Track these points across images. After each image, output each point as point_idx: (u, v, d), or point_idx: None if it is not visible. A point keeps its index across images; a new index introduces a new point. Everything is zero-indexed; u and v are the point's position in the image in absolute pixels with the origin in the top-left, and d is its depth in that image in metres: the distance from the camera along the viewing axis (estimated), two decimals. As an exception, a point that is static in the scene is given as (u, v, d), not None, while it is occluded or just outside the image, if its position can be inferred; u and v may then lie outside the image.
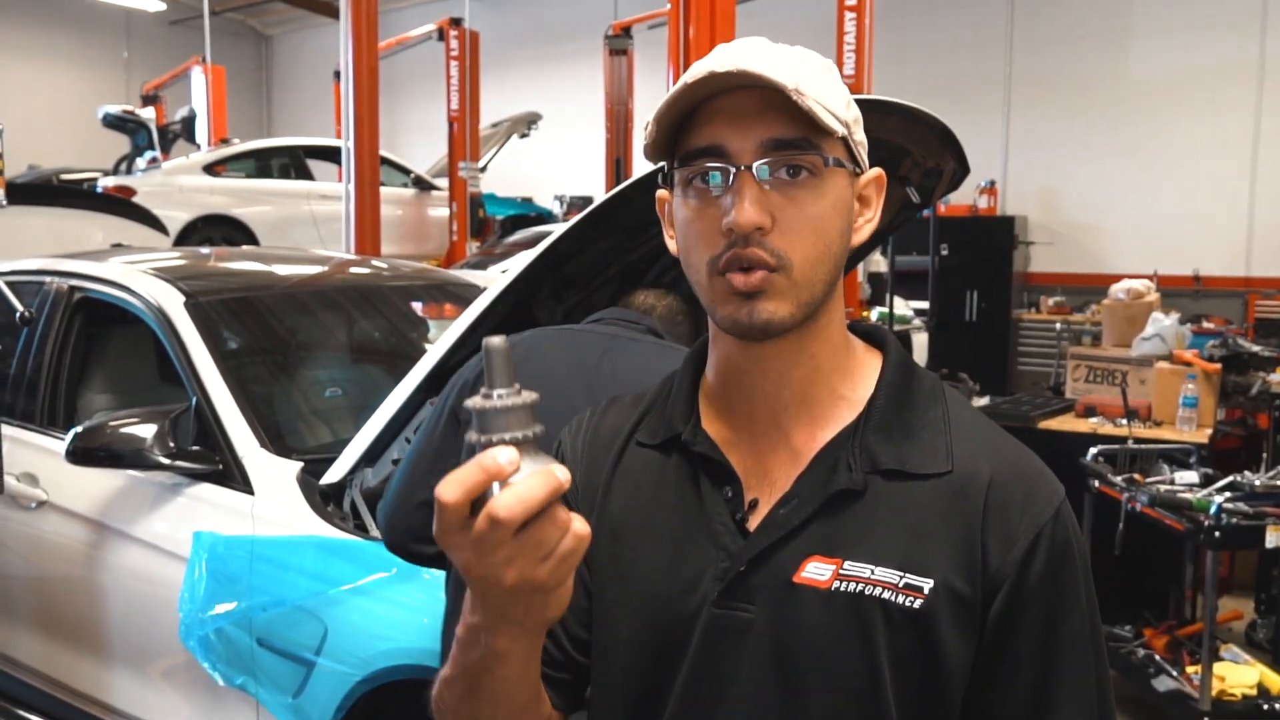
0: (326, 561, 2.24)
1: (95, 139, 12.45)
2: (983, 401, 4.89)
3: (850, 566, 0.95)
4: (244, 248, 7.58)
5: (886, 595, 0.93)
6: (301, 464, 2.46)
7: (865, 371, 1.04)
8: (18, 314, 2.50)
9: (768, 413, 1.02)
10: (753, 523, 0.99)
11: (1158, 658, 3.72)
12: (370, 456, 2.32)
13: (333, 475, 2.35)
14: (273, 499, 2.41)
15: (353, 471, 2.34)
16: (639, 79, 10.24)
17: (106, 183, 9.04)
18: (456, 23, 9.79)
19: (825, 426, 1.01)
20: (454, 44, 9.71)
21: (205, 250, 4.48)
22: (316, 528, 2.30)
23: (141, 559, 2.62)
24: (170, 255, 3.84)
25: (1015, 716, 0.95)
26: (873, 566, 0.94)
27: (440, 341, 2.26)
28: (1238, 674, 3.53)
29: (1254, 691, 3.47)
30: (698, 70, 0.94)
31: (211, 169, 9.42)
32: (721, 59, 0.94)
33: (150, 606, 2.59)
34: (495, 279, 2.34)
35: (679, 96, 0.95)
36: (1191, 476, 3.68)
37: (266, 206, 9.42)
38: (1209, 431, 4.28)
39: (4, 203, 2.40)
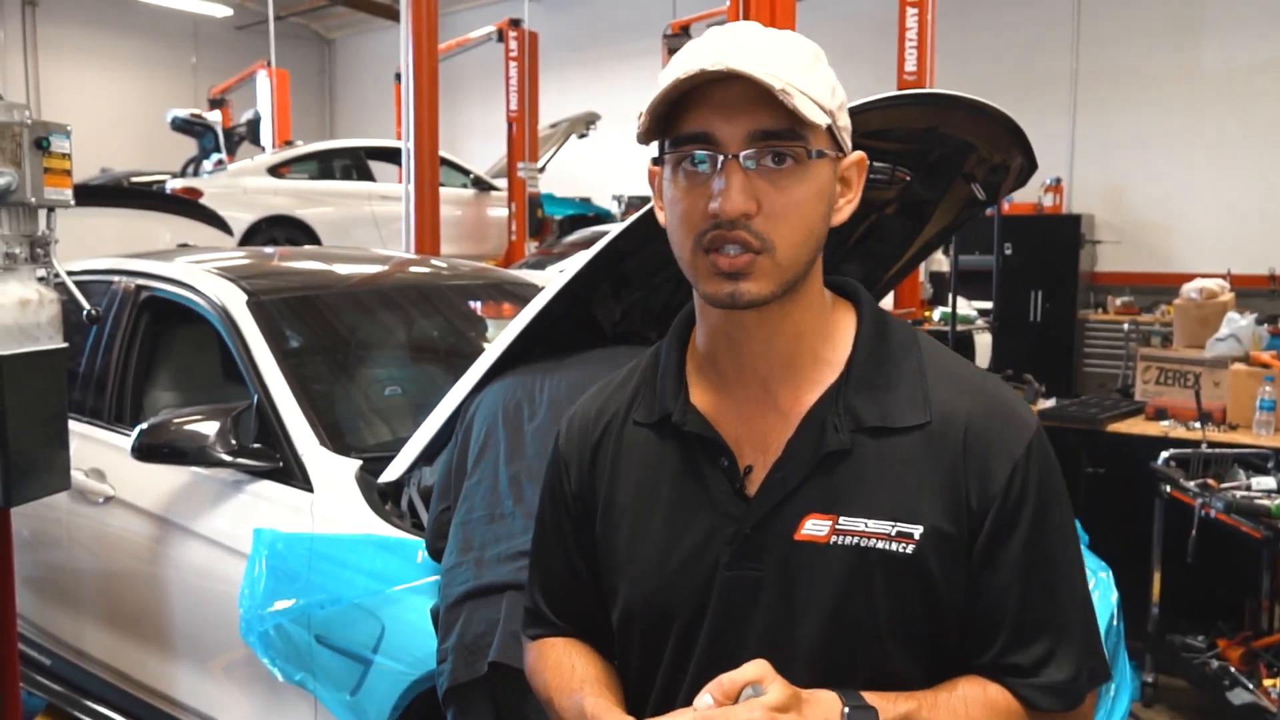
0: (384, 560, 2.24)
1: (164, 142, 12.73)
2: (1049, 404, 4.78)
3: (845, 521, 1.04)
4: (306, 248, 7.68)
5: (881, 545, 1.03)
6: (360, 462, 2.47)
7: (842, 331, 1.12)
8: (85, 312, 2.54)
9: (755, 379, 1.10)
10: (751, 488, 1.08)
11: (1233, 669, 3.61)
12: (428, 455, 2.32)
13: (391, 474, 2.36)
14: (332, 497, 2.42)
15: (410, 470, 2.34)
16: (697, 78, 10.20)
17: (174, 184, 9.22)
18: (516, 24, 9.84)
19: (810, 389, 1.09)
20: (513, 45, 9.76)
21: (269, 250, 4.54)
22: (375, 526, 2.31)
23: (203, 555, 2.66)
24: (234, 255, 3.89)
25: (999, 625, 1.05)
26: (866, 520, 1.04)
27: (498, 340, 2.25)
28: (1318, 688, 3.40)
29: (1335, 706, 3.34)
30: (689, 64, 0.99)
31: (275, 170, 9.56)
32: (712, 52, 1.00)
33: (212, 602, 2.62)
34: (553, 278, 2.33)
35: (672, 89, 1.00)
36: (1269, 482, 3.56)
37: (328, 207, 9.54)
38: (1288, 436, 4.13)
39: (71, 203, 2.43)
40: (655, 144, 1.07)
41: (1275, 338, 4.71)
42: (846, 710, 0.99)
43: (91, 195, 5.63)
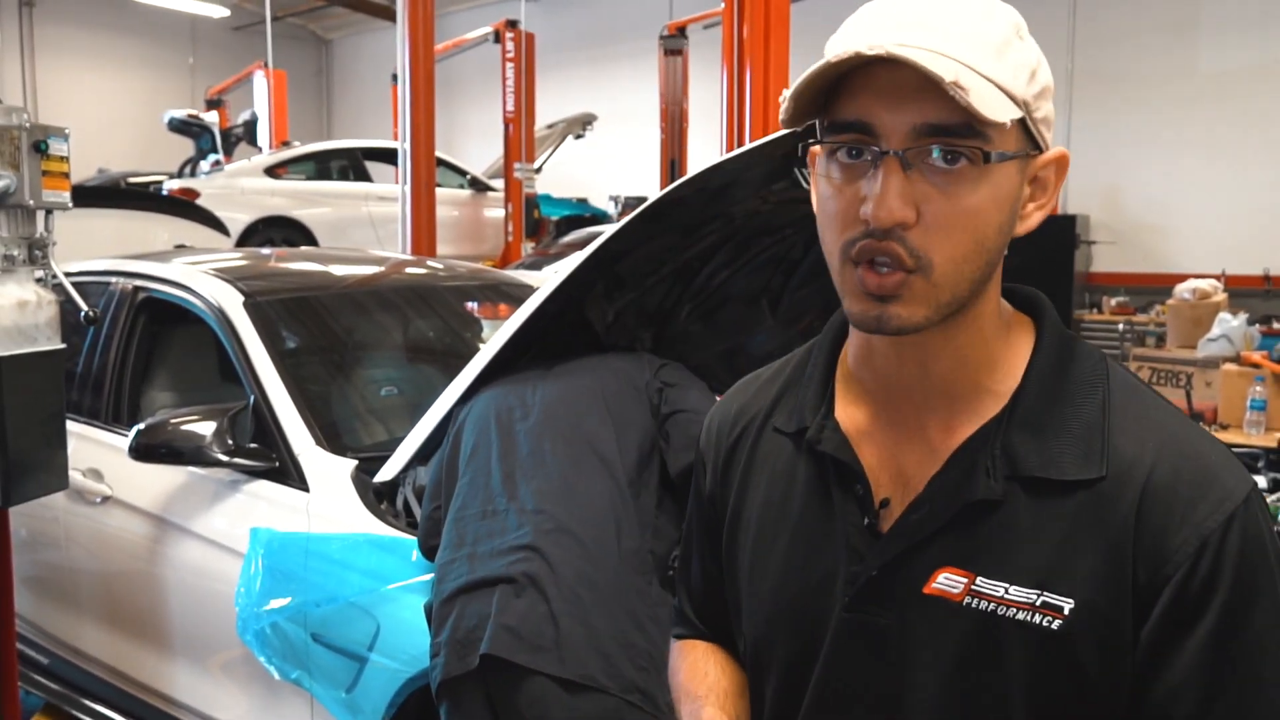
0: (380, 559, 2.26)
1: (161, 143, 12.74)
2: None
3: (983, 583, 0.88)
4: (303, 248, 7.69)
5: (1022, 616, 0.86)
6: (356, 462, 2.49)
7: (1016, 355, 0.94)
8: (82, 314, 2.56)
9: (907, 404, 0.95)
10: (885, 524, 0.93)
11: (1223, 667, 3.63)
12: (423, 455, 2.34)
13: (386, 473, 2.37)
14: (328, 496, 2.44)
15: (405, 470, 2.36)
16: (694, 79, 10.23)
17: (171, 185, 9.24)
18: (512, 25, 9.87)
19: (966, 421, 0.92)
20: (510, 46, 9.78)
21: (266, 251, 4.55)
22: (370, 525, 2.33)
23: (201, 554, 2.67)
24: (231, 256, 3.90)
25: None
26: (1007, 585, 0.87)
27: (492, 341, 2.27)
28: (1308, 685, 3.42)
29: (1325, 703, 3.36)
30: (844, 46, 0.83)
31: (272, 171, 9.58)
32: (878, 26, 0.84)
33: (209, 601, 2.63)
34: (548, 278, 2.35)
35: (820, 74, 0.84)
36: (1260, 482, 3.59)
37: (325, 208, 9.57)
38: (1278, 436, 4.16)
39: (70, 205, 2.45)
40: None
41: (1267, 338, 4.74)
42: None
43: (88, 196, 5.65)
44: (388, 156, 9.90)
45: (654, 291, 2.46)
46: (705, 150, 9.67)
